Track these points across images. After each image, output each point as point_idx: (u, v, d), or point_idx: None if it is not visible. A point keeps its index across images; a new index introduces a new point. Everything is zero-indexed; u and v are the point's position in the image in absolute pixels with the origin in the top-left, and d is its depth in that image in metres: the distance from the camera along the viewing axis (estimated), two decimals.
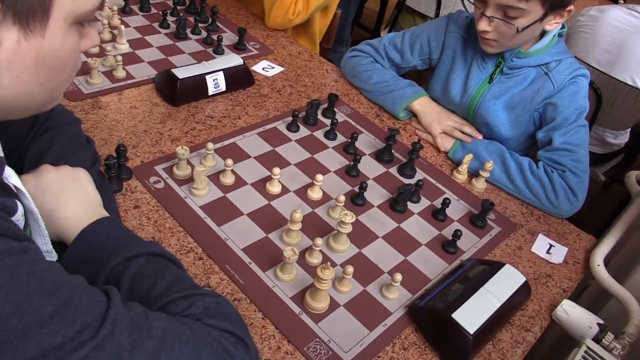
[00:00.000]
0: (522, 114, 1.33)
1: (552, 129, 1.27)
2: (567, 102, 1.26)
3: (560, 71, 1.28)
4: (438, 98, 1.48)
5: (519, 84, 1.33)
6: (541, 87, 1.29)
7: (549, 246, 1.16)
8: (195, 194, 1.05)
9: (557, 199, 1.21)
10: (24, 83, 0.56)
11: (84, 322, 0.50)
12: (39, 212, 0.67)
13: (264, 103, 1.38)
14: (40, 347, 0.47)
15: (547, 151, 1.26)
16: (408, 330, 0.92)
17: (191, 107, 1.30)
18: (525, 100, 1.31)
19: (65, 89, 0.65)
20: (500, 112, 1.35)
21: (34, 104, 0.61)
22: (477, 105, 1.37)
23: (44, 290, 0.49)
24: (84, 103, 1.22)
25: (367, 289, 0.96)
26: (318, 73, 1.57)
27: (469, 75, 1.39)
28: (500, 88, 1.34)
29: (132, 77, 1.34)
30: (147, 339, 0.54)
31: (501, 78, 1.34)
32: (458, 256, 1.08)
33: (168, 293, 0.65)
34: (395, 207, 1.14)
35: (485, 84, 1.36)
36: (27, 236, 0.53)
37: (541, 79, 1.30)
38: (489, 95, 1.35)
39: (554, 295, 1.05)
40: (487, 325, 0.88)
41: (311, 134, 1.31)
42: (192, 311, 0.64)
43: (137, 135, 1.17)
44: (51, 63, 0.58)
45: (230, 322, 0.65)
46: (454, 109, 1.45)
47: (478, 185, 1.28)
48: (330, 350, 0.85)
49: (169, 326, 0.57)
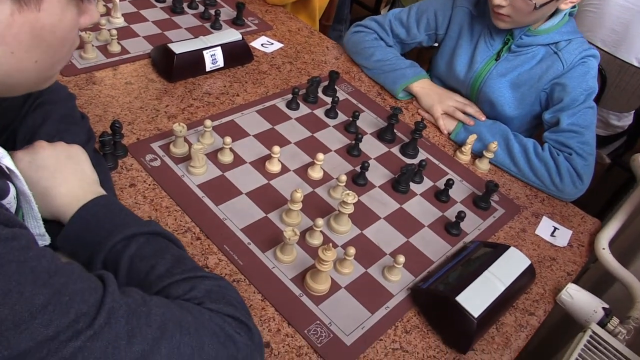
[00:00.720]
0: (528, 93, 1.31)
1: (559, 109, 1.25)
2: (576, 83, 1.23)
3: (570, 51, 1.25)
4: (442, 74, 1.46)
5: (526, 63, 1.30)
6: (550, 67, 1.27)
7: (553, 229, 1.15)
8: (192, 172, 1.03)
9: (562, 183, 1.19)
10: (18, 59, 0.54)
11: (78, 311, 0.48)
12: (31, 194, 0.65)
13: (263, 80, 1.35)
14: (33, 339, 0.45)
15: (553, 132, 1.24)
16: (410, 313, 0.91)
17: (188, 83, 1.27)
18: (533, 79, 1.29)
19: (61, 68, 0.62)
20: (505, 91, 1.33)
21: (28, 82, 0.59)
22: (482, 83, 1.35)
23: (35, 279, 0.47)
24: (78, 78, 1.20)
25: (369, 271, 0.95)
26: (318, 50, 1.54)
27: (475, 52, 1.36)
28: (507, 66, 1.32)
29: (127, 52, 1.31)
30: (145, 326, 0.52)
31: (508, 56, 1.32)
32: (461, 238, 1.07)
33: (169, 275, 0.64)
34: (397, 187, 1.13)
35: (491, 61, 1.33)
36: (18, 222, 0.51)
37: (550, 58, 1.27)
38: (495, 73, 1.33)
39: (558, 278, 1.05)
40: (492, 308, 0.87)
41: (311, 112, 1.29)
42: (194, 294, 0.62)
43: (132, 111, 1.14)
44: (47, 39, 0.55)
45: (233, 306, 0.63)
46: (458, 85, 1.42)
47: (482, 166, 1.26)
48: (331, 333, 0.84)
49: (168, 312, 0.56)
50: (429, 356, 0.85)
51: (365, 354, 0.83)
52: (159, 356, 0.52)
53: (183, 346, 0.54)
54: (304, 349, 0.81)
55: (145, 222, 0.72)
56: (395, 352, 0.84)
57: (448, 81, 1.45)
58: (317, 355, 0.80)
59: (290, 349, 0.81)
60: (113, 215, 0.71)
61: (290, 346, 0.81)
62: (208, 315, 0.59)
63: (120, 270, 0.65)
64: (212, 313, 0.60)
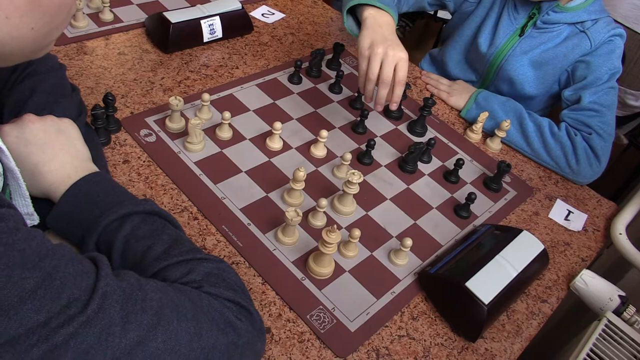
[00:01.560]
0: (551, 72, 1.28)
1: (581, 87, 1.23)
2: (601, 61, 1.22)
3: (598, 29, 1.23)
4: (464, 44, 1.40)
5: (550, 40, 1.27)
6: (577, 45, 1.24)
7: (568, 212, 1.14)
8: (189, 148, 1.01)
9: (577, 165, 1.17)
10: (14, 26, 0.52)
11: (70, 295, 0.47)
12: (19, 171, 0.63)
13: (263, 52, 1.32)
14: (23, 325, 0.44)
15: (573, 111, 1.22)
16: (417, 299, 0.89)
17: (185, 54, 1.24)
18: (557, 58, 1.26)
19: (58, 36, 0.60)
20: (526, 69, 1.30)
21: (23, 50, 0.56)
22: (503, 60, 1.32)
23: (24, 262, 0.45)
24: (68, 48, 1.17)
25: (375, 254, 0.93)
26: (322, 21, 1.51)
27: (498, 25, 1.32)
28: (532, 43, 1.29)
29: (120, 21, 1.28)
30: (140, 312, 0.51)
31: (533, 32, 1.28)
32: (471, 221, 1.05)
33: (166, 256, 0.62)
34: (404, 167, 1.11)
35: (514, 36, 1.30)
36: (5, 201, 0.49)
37: (577, 37, 1.24)
38: (519, 50, 1.30)
39: (572, 264, 1.03)
40: (503, 295, 0.86)
41: (314, 86, 1.26)
42: (192, 277, 0.61)
43: (126, 84, 1.12)
44: (44, 4, 0.53)
45: (233, 290, 0.62)
46: (477, 60, 1.38)
47: (493, 146, 1.24)
48: (334, 319, 0.82)
49: (165, 297, 0.54)
50: (436, 344, 0.84)
51: (370, 341, 0.82)
52: (155, 343, 0.51)
53: (180, 333, 0.53)
54: (306, 334, 0.80)
55: (140, 201, 0.70)
56: (402, 340, 0.83)
57: (470, 53, 1.40)
58: (319, 342, 0.79)
59: (292, 335, 0.79)
60: (106, 193, 0.70)
61: (291, 332, 0.80)
62: (207, 300, 0.58)
63: (114, 251, 0.64)
64: (211, 297, 0.59)
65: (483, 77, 1.40)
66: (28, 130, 0.71)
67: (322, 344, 0.79)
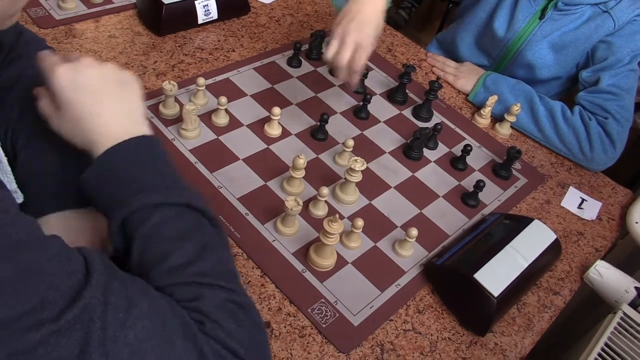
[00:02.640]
0: (572, 54, 1.27)
1: (601, 69, 1.21)
2: (623, 42, 1.20)
3: (622, 9, 1.21)
4: (477, 27, 1.38)
5: (572, 22, 1.25)
6: (599, 26, 1.22)
7: (581, 200, 1.13)
8: (184, 135, 1.00)
9: (591, 151, 1.17)
10: None
11: (45, 297, 0.44)
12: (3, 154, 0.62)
13: (261, 34, 1.31)
14: None
15: (590, 93, 1.21)
16: (423, 292, 0.89)
17: (178, 37, 1.23)
18: (579, 40, 1.25)
19: (25, 2, 0.59)
20: (546, 53, 1.28)
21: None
22: (522, 45, 1.30)
23: (6, 248, 0.43)
24: (56, 31, 1.16)
25: (378, 245, 0.93)
26: (322, 1, 1.50)
27: (517, 8, 1.29)
28: (553, 26, 1.26)
29: (110, 2, 1.27)
30: (122, 339, 0.47)
31: (554, 14, 1.26)
32: (479, 210, 1.05)
33: (180, 271, 0.56)
34: (409, 153, 1.10)
35: (534, 19, 1.28)
36: None
37: (600, 17, 1.22)
38: (540, 34, 1.27)
39: (585, 255, 1.03)
40: (513, 287, 0.85)
41: (314, 69, 1.25)
42: (197, 306, 0.54)
43: None
44: None
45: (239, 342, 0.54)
46: (493, 45, 1.36)
47: (502, 131, 1.23)
48: (337, 312, 0.82)
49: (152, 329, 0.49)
50: (443, 338, 0.84)
51: (374, 336, 0.81)
52: None
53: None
54: (307, 329, 0.80)
55: (186, 188, 0.63)
56: (407, 334, 0.83)
57: (485, 40, 1.37)
58: (321, 336, 0.79)
59: (293, 330, 0.79)
60: (146, 168, 0.63)
61: (292, 326, 0.79)
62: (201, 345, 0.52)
63: (134, 247, 0.58)
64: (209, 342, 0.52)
65: (497, 62, 1.38)
66: (83, 75, 0.65)
67: (324, 339, 0.79)
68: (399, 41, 1.44)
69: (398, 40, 1.44)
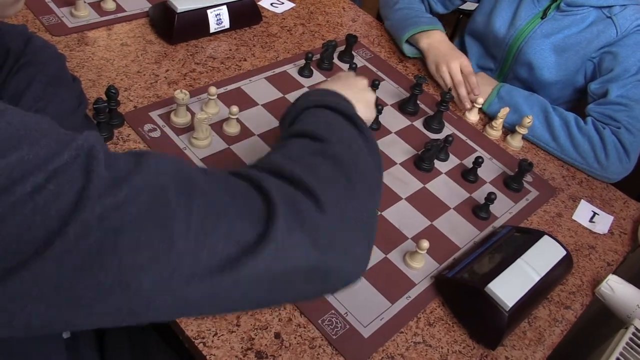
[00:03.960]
0: (572, 58, 1.28)
1: (608, 80, 1.22)
2: (629, 52, 1.21)
3: (626, 16, 1.22)
4: (478, 31, 1.42)
5: (574, 25, 1.27)
6: (602, 32, 1.24)
7: (593, 214, 1.13)
8: (195, 144, 1.01)
9: (607, 160, 1.17)
10: None
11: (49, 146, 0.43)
12: None
13: (272, 43, 1.33)
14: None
15: (599, 105, 1.22)
16: (434, 304, 0.89)
17: (190, 46, 1.25)
18: (580, 44, 1.26)
19: None
20: (547, 53, 1.30)
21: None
22: (523, 42, 1.32)
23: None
24: (69, 38, 1.18)
25: (389, 257, 0.93)
26: (334, 11, 1.51)
27: (519, 7, 1.33)
28: (554, 26, 1.29)
29: (122, 10, 1.29)
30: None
31: (556, 15, 1.29)
32: (490, 222, 1.05)
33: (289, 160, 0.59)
34: (420, 165, 1.11)
35: (536, 19, 1.30)
36: None
37: (602, 23, 1.24)
38: (540, 32, 1.30)
39: (597, 269, 1.03)
40: (524, 300, 0.85)
41: (326, 80, 1.26)
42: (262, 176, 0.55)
43: (129, 76, 1.12)
44: None
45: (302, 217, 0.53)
46: (496, 44, 1.39)
47: (514, 143, 1.24)
48: (347, 324, 0.82)
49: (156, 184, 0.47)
50: (454, 351, 0.84)
51: (384, 348, 0.82)
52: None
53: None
54: (317, 340, 0.80)
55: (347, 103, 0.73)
56: (418, 347, 0.83)
57: (485, 39, 1.41)
58: (331, 348, 0.80)
59: (303, 341, 0.80)
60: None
61: (302, 337, 0.80)
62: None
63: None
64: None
65: (501, 64, 1.40)
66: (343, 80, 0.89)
67: (334, 350, 0.79)
68: None
69: None
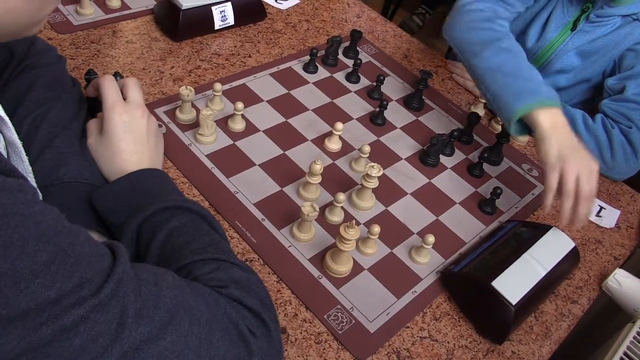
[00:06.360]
0: (599, 62, 1.26)
1: (627, 77, 1.20)
2: None
3: None
4: None
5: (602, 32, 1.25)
6: (629, 33, 1.22)
7: (599, 208, 1.13)
8: (201, 140, 1.01)
9: (613, 160, 1.15)
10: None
11: (84, 275, 0.47)
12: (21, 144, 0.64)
13: (277, 40, 1.32)
14: (34, 299, 0.43)
15: (614, 101, 1.20)
16: (440, 299, 0.89)
17: (195, 42, 1.25)
18: (607, 47, 1.24)
19: (51, 10, 0.60)
20: (574, 60, 1.28)
21: (17, 24, 0.56)
22: (552, 55, 1.30)
23: (40, 235, 0.45)
24: (74, 36, 1.18)
25: (395, 252, 0.93)
26: (338, 7, 1.51)
27: (550, 18, 1.28)
28: (584, 38, 1.26)
29: (128, 8, 1.29)
30: (154, 308, 0.51)
31: (586, 26, 1.25)
32: (496, 217, 1.05)
33: (202, 252, 0.65)
34: (426, 160, 1.10)
35: (566, 30, 1.27)
36: (20, 174, 0.49)
37: (629, 26, 1.22)
38: (570, 45, 1.27)
39: (604, 263, 1.02)
40: (531, 295, 0.85)
41: (331, 75, 1.26)
42: (219, 276, 0.62)
43: (134, 73, 1.12)
44: None
45: (259, 301, 0.62)
46: None
47: (519, 138, 1.23)
48: (353, 319, 0.82)
49: (180, 296, 0.54)
50: (460, 346, 0.84)
51: (390, 342, 0.82)
52: (164, 342, 0.51)
53: (191, 336, 0.53)
54: (323, 335, 0.80)
55: (195, 203, 0.74)
56: (424, 341, 0.83)
57: None
58: (337, 343, 0.79)
59: (309, 335, 0.79)
60: (164, 188, 0.77)
61: (308, 332, 0.80)
62: (224, 309, 0.58)
63: (155, 240, 0.67)
64: (229, 305, 0.59)
65: None
66: (135, 122, 0.81)
67: (340, 345, 0.79)
68: (415, 47, 1.45)
69: (414, 47, 1.45)
